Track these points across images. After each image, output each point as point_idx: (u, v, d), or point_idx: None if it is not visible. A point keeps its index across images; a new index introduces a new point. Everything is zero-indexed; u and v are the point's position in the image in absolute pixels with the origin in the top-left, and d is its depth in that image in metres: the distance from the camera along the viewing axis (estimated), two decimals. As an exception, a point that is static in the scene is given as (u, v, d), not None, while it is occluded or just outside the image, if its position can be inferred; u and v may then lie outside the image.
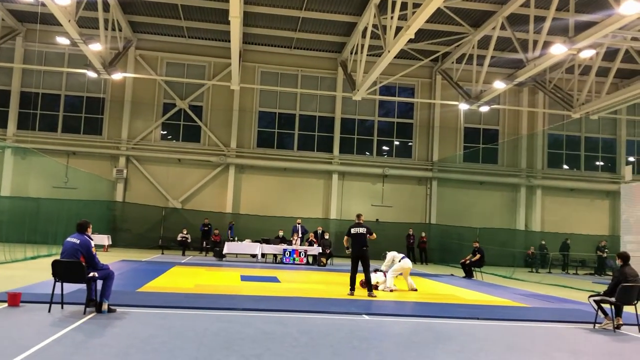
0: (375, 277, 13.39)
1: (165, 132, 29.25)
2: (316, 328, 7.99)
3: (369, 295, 12.02)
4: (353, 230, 12.42)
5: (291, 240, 22.44)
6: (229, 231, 24.43)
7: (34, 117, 27.84)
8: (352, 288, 12.35)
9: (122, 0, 24.48)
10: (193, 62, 29.19)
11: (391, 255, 14.23)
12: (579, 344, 7.97)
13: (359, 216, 12.92)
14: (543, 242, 28.04)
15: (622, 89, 25.76)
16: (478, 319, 9.64)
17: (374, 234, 12.57)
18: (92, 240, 8.45)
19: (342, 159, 29.49)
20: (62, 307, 8.30)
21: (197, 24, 26.60)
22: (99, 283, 8.27)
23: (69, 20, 19.11)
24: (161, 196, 28.33)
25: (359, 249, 12.32)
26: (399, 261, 13.92)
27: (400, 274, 13.98)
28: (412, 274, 18.79)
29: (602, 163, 32.02)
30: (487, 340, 7.84)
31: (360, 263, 12.37)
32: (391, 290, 13.34)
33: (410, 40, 19.09)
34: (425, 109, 30.43)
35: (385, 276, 13.72)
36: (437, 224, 29.46)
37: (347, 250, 12.78)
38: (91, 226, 8.66)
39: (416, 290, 13.81)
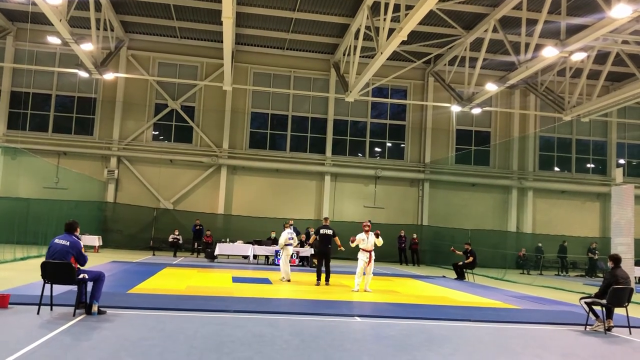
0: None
1: (157, 133, 29.12)
2: (308, 330, 7.96)
3: (326, 284, 14.20)
4: (322, 231, 14.45)
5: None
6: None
7: (25, 117, 27.63)
8: (318, 279, 14.34)
9: (114, 0, 24.35)
10: (185, 63, 29.09)
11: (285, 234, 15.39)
12: (570, 346, 7.99)
13: (326, 219, 15.36)
14: (540, 245, 28.05)
15: (612, 92, 25.93)
16: (470, 320, 9.65)
17: (337, 238, 14.67)
18: (80, 240, 8.39)
19: (334, 160, 29.48)
20: (51, 309, 8.21)
21: (190, 24, 26.50)
22: (89, 285, 8.20)
23: (60, 20, 18.97)
24: (153, 197, 28.19)
25: (325, 247, 14.41)
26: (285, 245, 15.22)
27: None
28: (404, 276, 18.81)
29: (593, 165, 32.20)
30: (479, 342, 7.84)
31: (324, 259, 14.45)
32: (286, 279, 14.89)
33: (403, 42, 19.13)
34: (417, 110, 30.50)
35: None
36: (429, 225, 29.51)
37: (314, 248, 15.24)
38: (79, 227, 8.60)
39: (289, 281, 14.65)
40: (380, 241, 13.56)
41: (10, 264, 15.71)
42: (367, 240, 13.51)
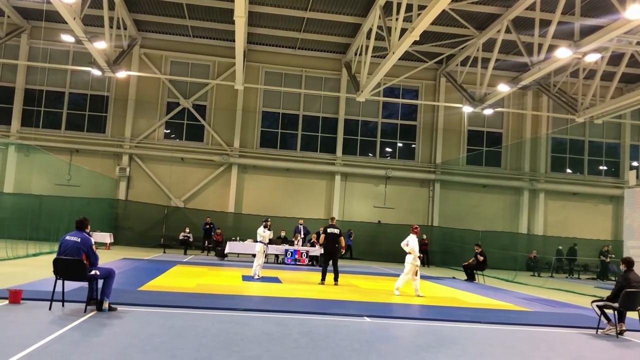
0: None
1: (168, 131, 29.28)
2: (317, 330, 7.96)
3: (335, 284, 14.23)
4: (329, 230, 14.58)
5: (293, 241, 22.41)
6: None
7: (38, 114, 27.88)
8: (323, 278, 14.40)
9: (127, -1, 24.55)
10: (197, 62, 29.21)
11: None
12: (581, 349, 7.93)
13: (332, 219, 15.63)
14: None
15: (626, 94, 25.69)
16: (480, 322, 9.60)
17: (342, 238, 14.75)
18: (91, 237, 8.45)
19: (345, 160, 29.46)
20: (62, 305, 8.28)
21: (202, 23, 26.62)
22: (100, 281, 8.26)
23: (74, 18, 19.13)
24: (164, 195, 28.34)
25: (332, 246, 14.46)
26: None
27: None
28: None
29: (605, 167, 31.92)
30: (489, 344, 7.81)
31: (332, 259, 14.52)
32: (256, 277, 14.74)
33: (415, 42, 19.06)
34: (428, 111, 30.39)
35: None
36: (440, 226, 29.40)
37: (321, 247, 15.52)
38: (90, 224, 8.67)
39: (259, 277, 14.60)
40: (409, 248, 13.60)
41: (23, 259, 15.86)
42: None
